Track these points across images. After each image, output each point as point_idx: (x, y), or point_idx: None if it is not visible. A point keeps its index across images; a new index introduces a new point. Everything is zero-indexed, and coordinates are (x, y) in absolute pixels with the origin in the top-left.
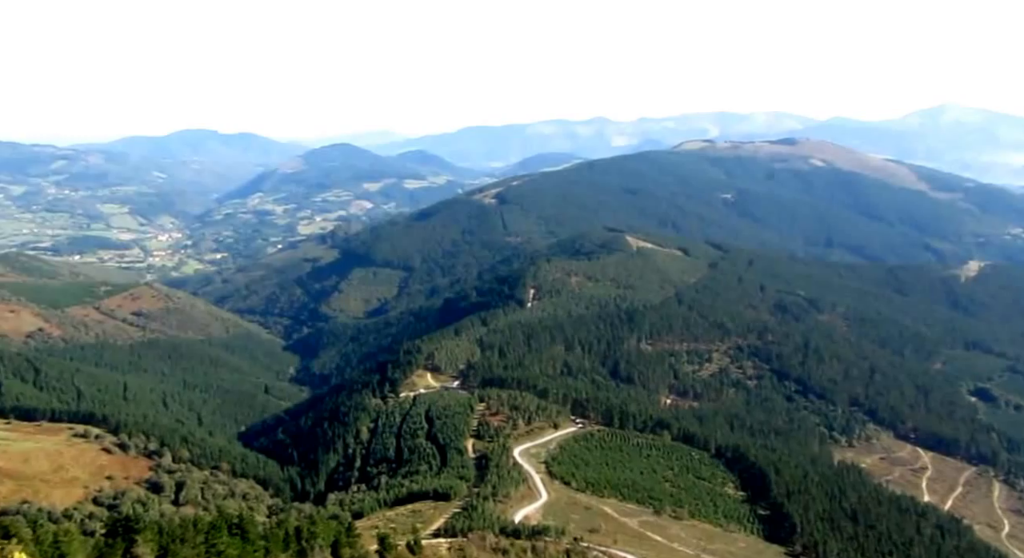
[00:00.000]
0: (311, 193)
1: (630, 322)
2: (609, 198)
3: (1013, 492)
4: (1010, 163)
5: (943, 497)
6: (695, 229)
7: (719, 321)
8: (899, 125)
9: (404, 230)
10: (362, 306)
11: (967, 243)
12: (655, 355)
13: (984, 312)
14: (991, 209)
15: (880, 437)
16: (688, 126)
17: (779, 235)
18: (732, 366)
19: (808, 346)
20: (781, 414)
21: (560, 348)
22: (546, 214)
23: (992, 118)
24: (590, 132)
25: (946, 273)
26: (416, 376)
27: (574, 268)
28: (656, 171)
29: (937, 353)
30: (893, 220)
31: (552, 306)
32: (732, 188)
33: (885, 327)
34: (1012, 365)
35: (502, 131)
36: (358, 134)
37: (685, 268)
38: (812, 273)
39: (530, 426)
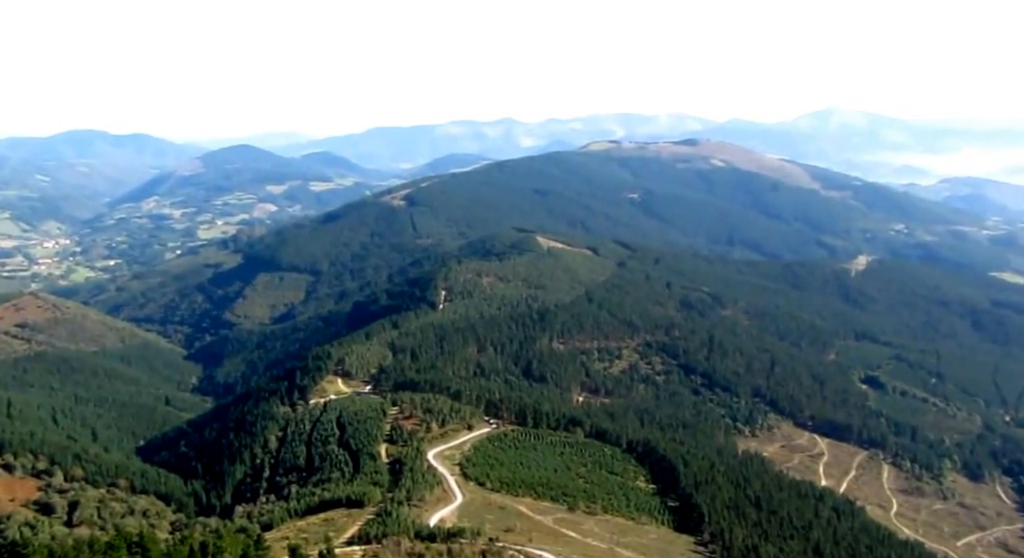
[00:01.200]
0: (211, 196)
1: (542, 321)
2: (519, 199)
3: (900, 473)
4: (891, 163)
5: (838, 481)
6: (603, 229)
7: (628, 319)
8: (792, 127)
9: (311, 233)
10: (268, 312)
11: (856, 239)
12: (567, 353)
13: (872, 304)
14: (876, 206)
15: (781, 426)
16: (594, 127)
17: (683, 233)
18: (641, 362)
19: (713, 341)
20: (688, 407)
21: (473, 349)
22: (456, 216)
23: (875, 121)
24: (498, 133)
25: (837, 268)
26: (326, 382)
27: (485, 269)
28: (564, 172)
29: (831, 344)
30: (789, 218)
31: (464, 307)
32: (638, 188)
33: (783, 320)
34: (898, 353)
35: (410, 132)
36: (260, 135)
37: (594, 267)
38: (715, 270)
39: (444, 428)
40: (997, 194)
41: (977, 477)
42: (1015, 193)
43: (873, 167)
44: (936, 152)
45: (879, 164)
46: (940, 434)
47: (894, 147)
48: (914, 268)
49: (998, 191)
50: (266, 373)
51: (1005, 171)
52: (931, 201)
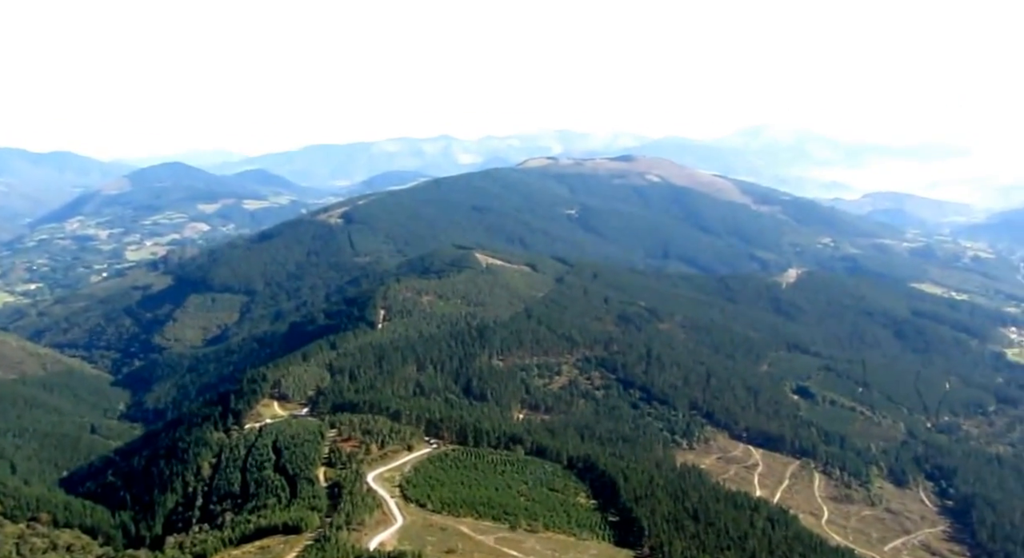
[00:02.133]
0: (140, 216)
1: (481, 339)
2: (457, 216)
3: (831, 481)
4: (819, 178)
5: (772, 490)
6: (542, 244)
7: (567, 334)
8: (724, 143)
9: (245, 253)
10: (200, 334)
11: (786, 252)
12: (507, 370)
13: (802, 315)
14: (805, 221)
15: (717, 438)
16: (532, 144)
17: (621, 248)
18: (581, 377)
19: (650, 354)
20: (628, 422)
21: (412, 368)
22: (394, 233)
23: (803, 137)
24: (436, 150)
25: (769, 281)
26: (262, 405)
27: (424, 287)
28: (503, 188)
29: (764, 355)
30: (722, 232)
31: (403, 326)
32: (576, 203)
33: (718, 333)
34: (827, 364)
35: (347, 149)
36: (192, 153)
37: (533, 283)
38: (652, 284)
39: (384, 450)
40: (916, 208)
41: (902, 483)
42: (932, 207)
43: (801, 182)
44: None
45: (807, 179)
46: (867, 442)
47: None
48: (841, 280)
49: (916, 205)
50: (198, 398)
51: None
52: (855, 215)
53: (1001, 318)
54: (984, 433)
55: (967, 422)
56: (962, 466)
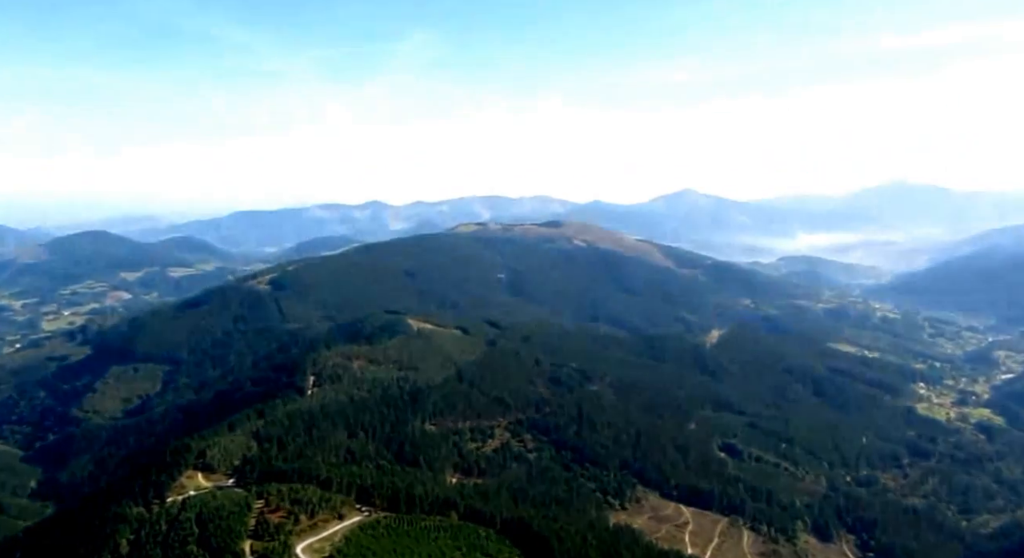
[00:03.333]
0: (57, 285)
1: (413, 403)
2: (388, 281)
3: (759, 537)
4: (736, 243)
5: (703, 548)
6: (473, 308)
7: (499, 397)
8: (647, 208)
9: (169, 321)
10: (121, 405)
11: (709, 313)
12: (439, 434)
13: (726, 374)
14: (726, 283)
15: (648, 497)
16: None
17: (551, 311)
18: (513, 440)
19: (582, 415)
20: (561, 483)
21: (343, 435)
22: (324, 299)
23: (721, 204)
24: (366, 216)
25: (694, 341)
26: (185, 477)
27: (355, 352)
28: (433, 253)
29: (691, 414)
30: (648, 294)
31: (334, 392)
32: (506, 268)
33: (647, 393)
34: (751, 421)
35: (276, 215)
36: (114, 220)
37: (465, 347)
38: (582, 346)
39: (313, 520)
40: (827, 271)
41: (826, 537)
42: (842, 270)
43: (721, 246)
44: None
45: (726, 243)
46: (792, 497)
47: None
48: (762, 339)
49: (828, 268)
50: (118, 471)
51: (833, 250)
52: (773, 277)
53: (910, 374)
54: (899, 485)
55: (884, 475)
56: (881, 518)
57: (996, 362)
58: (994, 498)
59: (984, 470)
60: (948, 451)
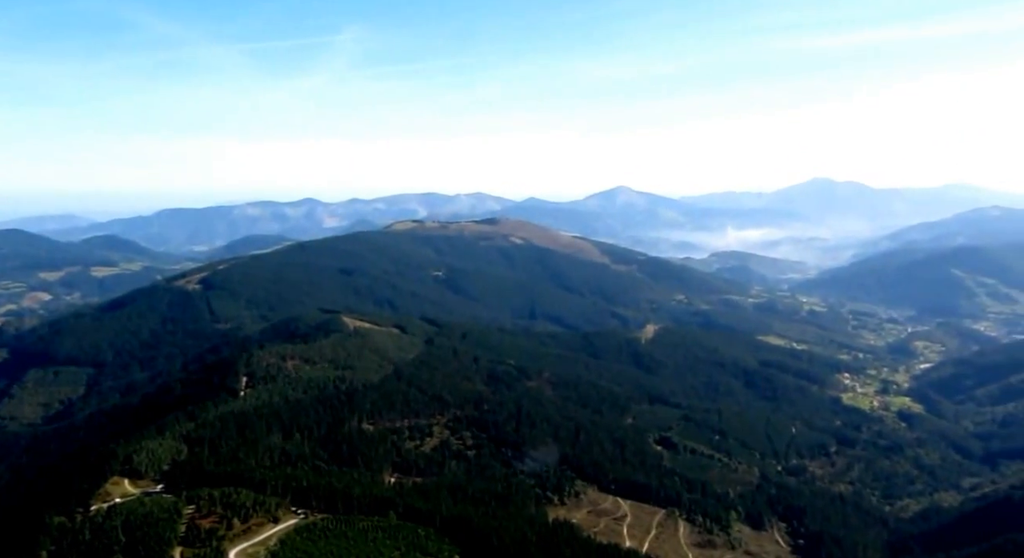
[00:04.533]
0: None
1: (350, 403)
2: (323, 279)
3: (694, 528)
4: (670, 239)
5: (641, 541)
6: (410, 306)
7: (438, 395)
8: (582, 205)
9: (92, 322)
10: (41, 411)
11: (644, 309)
12: (377, 434)
13: (661, 369)
14: (660, 279)
15: (587, 492)
16: (397, 207)
17: (488, 308)
18: (452, 438)
19: (520, 412)
20: (500, 480)
21: (278, 436)
22: (257, 298)
23: (654, 201)
24: (300, 214)
25: (629, 336)
26: (111, 484)
27: (290, 352)
28: (369, 251)
29: (628, 409)
30: (584, 291)
31: (268, 393)
32: (443, 265)
33: (584, 388)
34: (686, 414)
35: (205, 213)
36: (32, 218)
37: (402, 345)
38: (519, 343)
39: (247, 524)
40: (757, 266)
41: (758, 525)
42: (771, 265)
43: (655, 243)
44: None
45: (660, 240)
46: (726, 487)
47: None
48: (695, 334)
49: (758, 264)
50: (37, 480)
51: (762, 245)
52: (704, 273)
53: (836, 365)
54: (827, 473)
55: (812, 463)
56: (810, 506)
57: (915, 352)
58: (914, 483)
59: (905, 456)
60: (872, 439)
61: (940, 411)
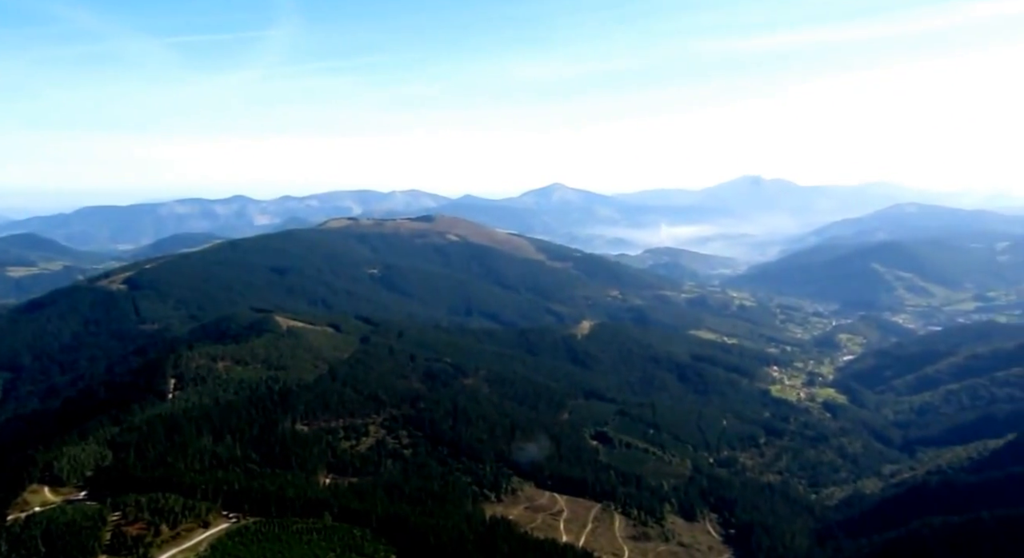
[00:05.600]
0: None
1: (284, 403)
2: (255, 278)
3: (629, 521)
4: (604, 236)
5: (577, 535)
6: (345, 305)
7: (373, 394)
8: (518, 203)
9: (8, 325)
10: None
11: (579, 305)
12: (311, 434)
13: (597, 364)
14: (595, 275)
15: (524, 488)
16: (331, 204)
17: (424, 306)
18: (388, 437)
19: (457, 410)
20: (437, 478)
21: (208, 439)
22: (186, 298)
23: (589, 198)
24: (230, 211)
25: (565, 333)
26: (29, 492)
27: (221, 353)
28: (303, 249)
29: (564, 404)
30: (520, 288)
31: (198, 395)
32: (378, 263)
33: (521, 385)
34: (621, 409)
35: (130, 211)
36: None
37: (337, 344)
38: (456, 340)
39: (176, 530)
40: (689, 262)
41: (691, 516)
42: (702, 261)
43: (590, 239)
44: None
45: (595, 236)
46: (660, 480)
47: (605, 222)
48: (629, 329)
49: (690, 259)
50: None
51: (694, 242)
52: (638, 269)
53: (765, 359)
54: (757, 464)
55: (743, 455)
56: (740, 496)
57: (839, 345)
58: (838, 471)
59: (830, 446)
60: (799, 430)
61: (862, 401)
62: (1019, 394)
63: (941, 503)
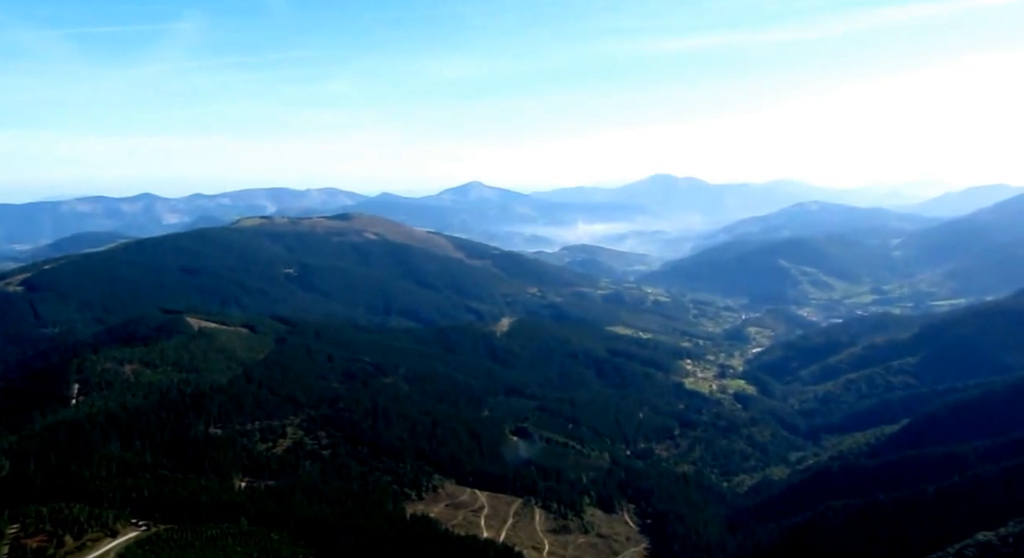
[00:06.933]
0: None
1: (196, 407)
2: (165, 279)
3: (549, 515)
4: (523, 233)
5: (498, 530)
6: (260, 305)
7: (291, 395)
8: (436, 201)
9: None
10: None
11: (499, 303)
12: (226, 438)
13: (516, 361)
14: (514, 273)
15: (445, 485)
16: (244, 203)
17: (343, 306)
18: (307, 438)
19: (376, 409)
20: (357, 479)
21: (116, 445)
22: (90, 300)
23: (507, 196)
24: (137, 209)
25: (485, 330)
26: None
27: (128, 356)
28: (215, 248)
29: (484, 401)
30: (439, 286)
31: (104, 400)
32: (294, 262)
33: (441, 383)
34: (540, 404)
35: (27, 209)
36: None
37: (252, 345)
38: (375, 339)
39: (81, 540)
40: (606, 259)
41: (609, 508)
42: (618, 258)
43: (509, 237)
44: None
45: (513, 234)
46: (579, 473)
47: (523, 219)
48: (548, 326)
49: (606, 256)
50: None
51: (609, 239)
52: (556, 266)
53: (679, 352)
54: (672, 455)
55: (658, 446)
56: (656, 486)
57: (748, 338)
58: (748, 459)
59: (740, 435)
60: (711, 420)
61: (770, 392)
62: (912, 382)
63: (843, 487)
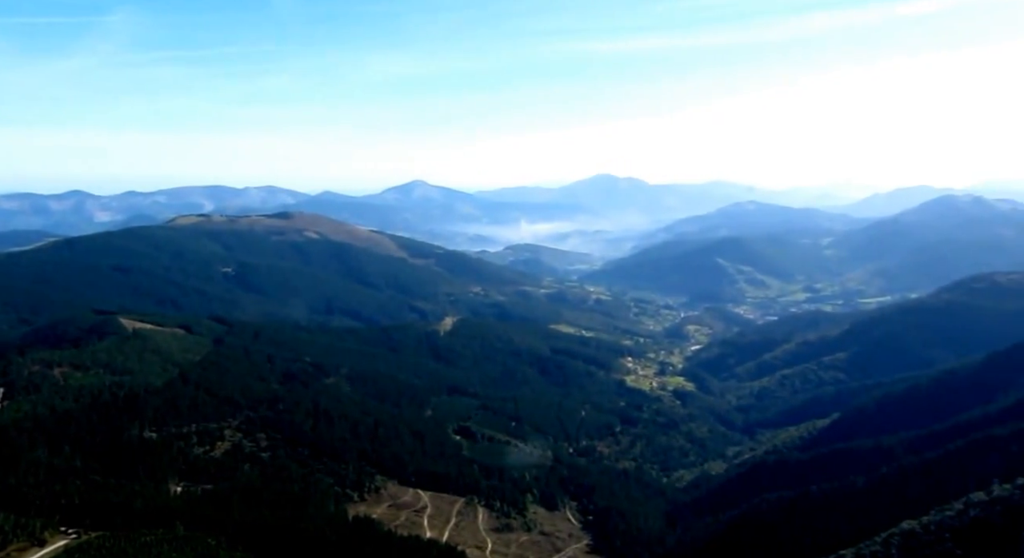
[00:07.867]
0: None
1: (130, 410)
2: (96, 278)
3: (492, 514)
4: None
5: (441, 530)
6: (197, 305)
7: (229, 396)
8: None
9: None
10: None
11: (442, 302)
12: (161, 442)
13: (460, 360)
14: (457, 272)
15: (388, 486)
16: (180, 200)
17: (283, 305)
18: (245, 441)
19: (318, 410)
20: (297, 481)
21: (44, 451)
22: (16, 301)
23: (450, 195)
24: (66, 207)
25: (428, 329)
26: None
27: (57, 358)
28: (149, 247)
29: (427, 401)
30: (382, 285)
31: (31, 404)
32: (232, 262)
33: (383, 383)
34: (483, 403)
35: None
36: None
37: (188, 346)
38: (316, 340)
39: (6, 551)
40: (549, 258)
41: (552, 505)
42: (561, 257)
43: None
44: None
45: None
46: (522, 472)
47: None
48: (491, 325)
49: (549, 256)
50: None
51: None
52: (499, 265)
53: (620, 350)
54: (613, 452)
55: (600, 443)
56: (598, 483)
57: (688, 335)
58: (687, 455)
59: (679, 431)
60: (651, 417)
61: (708, 388)
62: (843, 377)
63: (777, 480)
